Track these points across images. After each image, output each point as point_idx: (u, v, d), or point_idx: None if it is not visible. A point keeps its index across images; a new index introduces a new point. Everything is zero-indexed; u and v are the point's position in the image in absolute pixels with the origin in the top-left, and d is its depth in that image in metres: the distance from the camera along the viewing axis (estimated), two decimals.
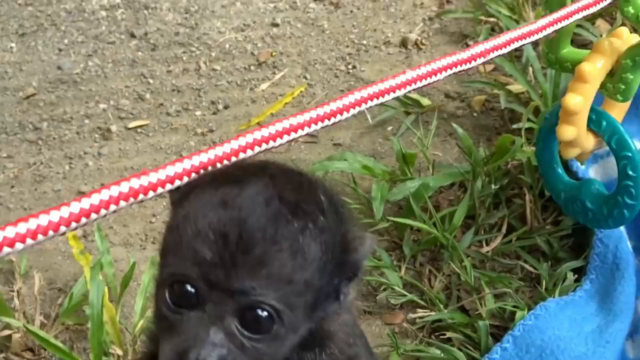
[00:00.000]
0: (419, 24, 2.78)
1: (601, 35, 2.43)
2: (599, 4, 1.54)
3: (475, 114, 2.39)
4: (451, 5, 2.84)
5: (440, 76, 1.32)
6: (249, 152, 1.12)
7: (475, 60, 1.33)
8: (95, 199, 0.95)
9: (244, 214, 0.90)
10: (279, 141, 1.16)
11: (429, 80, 1.27)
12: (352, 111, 1.23)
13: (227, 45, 2.76)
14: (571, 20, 1.48)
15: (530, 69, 2.33)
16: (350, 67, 2.64)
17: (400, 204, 2.04)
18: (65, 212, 0.91)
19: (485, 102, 2.42)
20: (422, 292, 1.86)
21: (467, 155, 2.09)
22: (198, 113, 2.51)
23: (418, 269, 1.94)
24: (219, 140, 2.38)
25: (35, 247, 1.99)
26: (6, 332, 1.84)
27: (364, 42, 2.73)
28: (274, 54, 2.71)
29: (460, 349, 1.73)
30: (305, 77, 2.61)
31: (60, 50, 2.79)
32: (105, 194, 0.93)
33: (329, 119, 1.17)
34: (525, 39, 1.42)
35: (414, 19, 2.81)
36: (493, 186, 2.02)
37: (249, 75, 2.64)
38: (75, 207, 0.92)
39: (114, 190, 0.93)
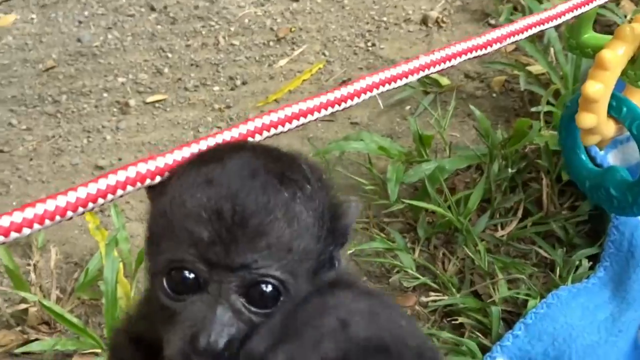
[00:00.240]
0: (441, 1, 2.75)
1: (626, 17, 2.39)
2: None
3: (494, 95, 2.37)
4: None
5: (455, 61, 1.31)
6: (265, 134, 1.14)
7: (491, 46, 1.32)
8: (112, 179, 0.96)
9: (233, 188, 0.89)
10: (287, 126, 1.17)
11: (443, 65, 1.26)
12: (364, 96, 1.21)
13: (246, 20, 2.74)
14: (592, 5, 1.45)
15: (552, 50, 2.29)
16: (369, 44, 2.61)
17: (416, 186, 2.03)
18: (82, 192, 0.92)
19: (505, 82, 2.39)
20: (435, 275, 1.85)
21: (484, 138, 2.06)
22: (216, 88, 2.50)
23: (432, 252, 1.93)
24: (236, 117, 2.40)
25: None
26: (23, 306, 1.85)
27: (384, 19, 2.70)
28: (293, 29, 2.69)
29: (471, 335, 1.73)
30: (324, 54, 2.59)
31: (80, 22, 2.78)
32: (122, 175, 0.94)
33: (339, 104, 1.16)
34: (544, 24, 1.40)
35: None
36: (510, 170, 1.99)
37: (267, 51, 2.63)
38: (92, 187, 0.93)
39: (131, 171, 0.94)
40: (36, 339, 1.79)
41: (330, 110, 1.21)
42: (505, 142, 2.04)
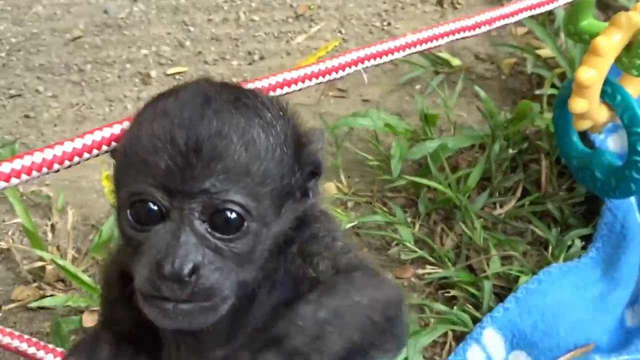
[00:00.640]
0: None
1: (636, 1, 2.38)
2: None
3: (503, 77, 2.37)
4: None
5: (441, 41, 1.30)
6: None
7: (479, 28, 1.32)
8: (116, 128, 1.07)
9: (186, 116, 0.88)
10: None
11: (428, 45, 1.26)
12: (354, 68, 1.24)
13: None
14: None
15: (562, 34, 2.28)
16: (385, 23, 2.62)
17: (419, 163, 2.05)
18: (88, 139, 1.03)
19: (515, 65, 2.39)
20: (433, 249, 1.87)
21: (488, 119, 2.08)
22: (234, 63, 2.53)
23: (431, 227, 1.95)
24: None
25: (72, 185, 2.07)
26: (40, 264, 1.90)
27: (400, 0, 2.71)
28: (311, 7, 2.69)
29: (463, 307, 1.76)
30: (340, 32, 2.60)
31: None
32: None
33: (329, 74, 1.19)
34: (537, 8, 1.41)
35: None
36: (511, 150, 2.02)
37: (286, 28, 2.64)
38: (97, 135, 1.04)
39: None
40: (51, 295, 1.84)
41: (321, 79, 1.25)
42: (508, 124, 2.05)
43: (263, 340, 0.85)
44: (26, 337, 1.42)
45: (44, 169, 1.01)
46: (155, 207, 0.88)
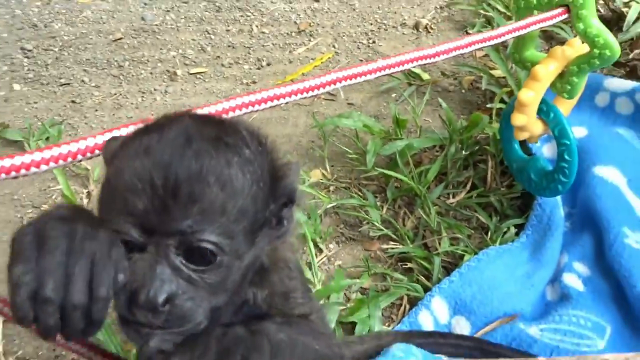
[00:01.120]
0: (431, 11, 2.74)
1: (575, 36, 2.38)
2: (555, 18, 1.51)
3: (463, 91, 2.37)
4: None
5: (392, 70, 1.29)
6: (277, 102, 1.15)
7: (439, 56, 1.31)
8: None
9: (166, 157, 0.77)
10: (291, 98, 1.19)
11: (398, 68, 1.25)
12: (331, 86, 1.23)
13: (276, 14, 2.75)
14: (530, 29, 1.46)
15: None
16: (371, 41, 2.62)
17: (390, 157, 2.04)
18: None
19: (473, 81, 2.39)
20: (396, 229, 1.87)
21: (447, 125, 2.08)
22: (246, 67, 2.53)
23: (396, 211, 1.95)
24: None
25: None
26: None
27: (385, 22, 2.70)
28: (311, 24, 2.69)
29: (417, 277, 1.76)
30: (334, 46, 2.60)
31: (145, 4, 2.81)
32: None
33: (307, 92, 1.19)
34: (487, 42, 1.40)
35: (428, 6, 2.77)
36: (464, 152, 2.02)
37: (289, 40, 2.64)
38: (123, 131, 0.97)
39: None
40: None
41: (310, 93, 1.24)
42: (463, 130, 2.05)
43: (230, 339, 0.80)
44: None
45: (79, 156, 0.99)
46: (135, 240, 0.78)
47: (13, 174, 0.91)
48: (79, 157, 0.98)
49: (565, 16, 1.53)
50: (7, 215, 1.98)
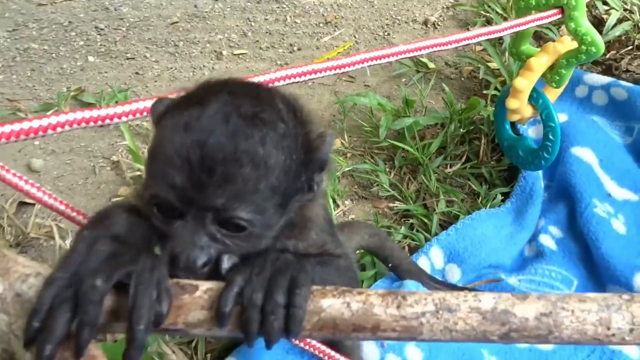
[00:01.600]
0: (439, 10, 2.65)
1: (561, 36, 2.31)
2: (550, 17, 1.46)
3: (463, 79, 2.31)
4: (465, 0, 2.69)
5: (422, 52, 1.24)
6: (304, 78, 1.08)
7: (451, 44, 1.26)
8: None
9: (203, 136, 0.69)
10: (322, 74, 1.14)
11: (401, 56, 1.20)
12: (358, 66, 1.19)
13: (306, 7, 2.68)
14: (527, 27, 1.41)
15: (507, 53, 2.21)
16: (385, 34, 2.55)
17: (399, 132, 2.01)
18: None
19: (472, 71, 2.32)
20: (401, 191, 1.86)
21: (449, 107, 2.04)
22: (280, 50, 2.48)
23: (401, 176, 1.93)
24: None
25: None
26: (138, 173, 1.90)
27: (398, 17, 2.62)
28: (336, 17, 2.62)
29: (418, 231, 1.76)
30: (354, 36, 2.53)
31: None
32: None
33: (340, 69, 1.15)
34: (491, 34, 1.35)
35: (436, 5, 2.68)
36: (462, 130, 1.98)
37: (318, 30, 2.57)
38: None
39: None
40: None
41: (335, 71, 1.19)
42: (462, 111, 2.01)
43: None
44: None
45: (147, 113, 0.97)
46: (175, 208, 0.72)
47: (91, 124, 0.88)
48: (139, 115, 0.95)
49: (559, 16, 1.47)
50: (82, 164, 1.97)
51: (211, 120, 0.70)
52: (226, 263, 0.73)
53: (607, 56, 2.29)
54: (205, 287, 0.68)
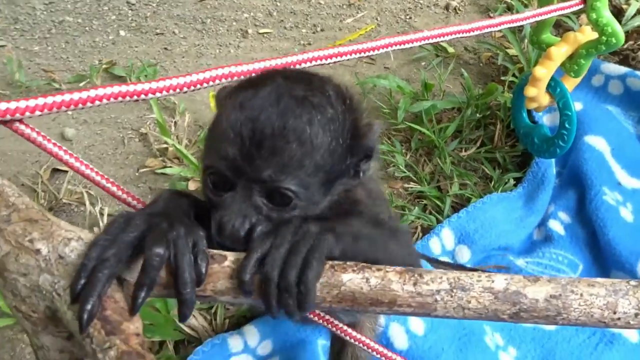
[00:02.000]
0: None
1: (581, 25, 2.26)
2: (572, 7, 1.43)
3: (481, 64, 2.28)
4: None
5: (444, 38, 1.22)
6: (325, 61, 1.06)
7: (474, 31, 1.22)
8: (219, 71, 0.90)
9: (255, 113, 0.72)
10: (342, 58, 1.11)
11: (424, 42, 1.16)
12: (379, 51, 1.16)
13: None
14: (549, 16, 1.38)
15: (526, 41, 2.17)
16: (407, 17, 2.51)
17: (416, 114, 2.00)
18: (201, 75, 0.88)
19: (490, 57, 2.28)
20: (416, 172, 1.86)
21: (466, 91, 2.02)
22: (304, 31, 2.45)
23: (417, 158, 1.93)
24: None
25: (190, 97, 2.05)
26: (164, 145, 1.92)
27: (420, 2, 2.57)
28: (360, 0, 2.60)
29: (430, 212, 1.76)
30: (376, 19, 2.50)
31: None
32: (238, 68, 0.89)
33: (363, 52, 1.13)
34: (514, 23, 1.32)
35: None
36: (478, 115, 1.96)
37: (341, 11, 2.54)
38: (207, 74, 0.89)
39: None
40: (170, 167, 1.87)
41: (358, 55, 1.17)
42: (479, 97, 1.99)
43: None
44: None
45: (179, 89, 0.96)
46: (226, 180, 0.75)
47: (119, 99, 0.88)
48: (171, 91, 0.95)
49: (581, 6, 1.44)
50: (111, 134, 2.00)
51: (264, 100, 0.73)
52: (257, 233, 0.74)
53: (625, 46, 2.23)
54: (233, 258, 0.70)
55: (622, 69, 2.00)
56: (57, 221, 0.65)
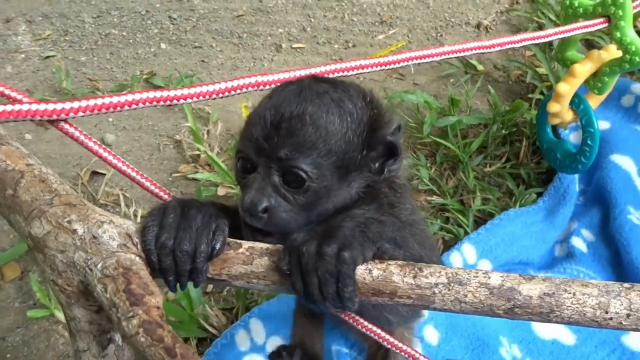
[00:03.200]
0: (493, 14, 2.64)
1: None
2: (597, 26, 1.46)
3: (510, 82, 2.30)
4: (519, 5, 2.66)
5: (465, 53, 1.25)
6: (357, 71, 1.10)
7: (494, 47, 1.26)
8: (247, 80, 0.95)
9: (279, 101, 0.82)
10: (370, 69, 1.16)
11: (445, 56, 1.21)
12: (405, 63, 1.20)
13: (364, 5, 2.71)
14: (571, 34, 1.41)
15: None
16: (438, 35, 2.56)
17: (442, 129, 2.04)
18: (235, 83, 0.94)
19: (520, 75, 2.31)
20: (440, 186, 1.89)
21: (493, 108, 2.05)
22: (336, 46, 2.53)
23: (441, 172, 1.96)
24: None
25: (223, 107, 2.14)
26: (197, 152, 2.01)
27: (452, 19, 2.62)
28: (392, 17, 2.65)
29: (452, 225, 1.79)
30: (408, 36, 2.56)
31: None
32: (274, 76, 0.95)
33: (389, 65, 1.18)
34: (535, 40, 1.35)
35: (490, 10, 2.66)
36: (504, 131, 1.99)
37: (373, 28, 2.61)
38: (241, 81, 0.95)
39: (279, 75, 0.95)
40: (201, 172, 1.95)
41: (386, 67, 1.22)
42: (505, 113, 2.02)
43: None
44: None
45: (208, 96, 1.02)
46: (251, 162, 0.84)
47: (154, 103, 0.94)
48: (202, 98, 1.00)
49: (605, 25, 1.46)
50: (148, 141, 2.11)
51: (289, 93, 0.83)
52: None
53: None
54: (247, 245, 0.77)
55: None
56: (92, 206, 0.74)
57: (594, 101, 1.63)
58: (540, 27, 2.45)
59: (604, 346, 1.46)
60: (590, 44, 2.32)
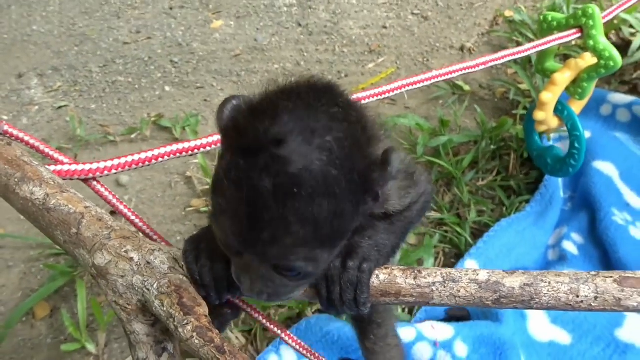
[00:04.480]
0: (475, 36, 2.82)
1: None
2: (571, 36, 1.61)
3: (496, 100, 2.46)
4: (498, 27, 2.86)
5: (450, 75, 1.40)
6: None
7: (479, 67, 1.42)
8: None
9: (252, 195, 0.65)
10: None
11: (435, 80, 1.35)
12: (398, 91, 1.36)
13: (353, 37, 2.88)
14: (548, 46, 1.56)
15: (537, 75, 2.36)
16: (425, 60, 2.73)
17: (435, 149, 2.18)
18: None
19: (504, 93, 2.48)
20: (436, 202, 2.03)
21: (481, 126, 2.21)
22: (329, 77, 2.62)
23: (438, 188, 2.10)
24: None
25: None
26: (207, 187, 2.13)
27: (437, 44, 2.80)
28: (380, 45, 2.82)
29: (451, 237, 1.92)
30: (396, 63, 2.72)
31: (257, 29, 2.98)
32: None
33: (382, 95, 1.34)
34: (516, 55, 1.50)
35: (472, 33, 2.85)
36: (492, 146, 2.14)
37: (363, 58, 2.77)
38: None
39: None
40: None
41: (379, 97, 1.37)
42: (493, 130, 2.18)
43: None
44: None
45: (215, 145, 1.12)
46: (236, 249, 0.73)
47: (178, 155, 1.09)
48: (211, 146, 1.14)
49: (578, 35, 1.61)
50: (160, 179, 2.27)
51: (259, 179, 0.64)
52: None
53: (634, 76, 2.41)
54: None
55: (629, 98, 2.17)
56: (143, 238, 0.90)
57: (576, 106, 1.78)
58: (520, 45, 2.64)
59: (599, 342, 1.59)
60: (567, 56, 2.50)
